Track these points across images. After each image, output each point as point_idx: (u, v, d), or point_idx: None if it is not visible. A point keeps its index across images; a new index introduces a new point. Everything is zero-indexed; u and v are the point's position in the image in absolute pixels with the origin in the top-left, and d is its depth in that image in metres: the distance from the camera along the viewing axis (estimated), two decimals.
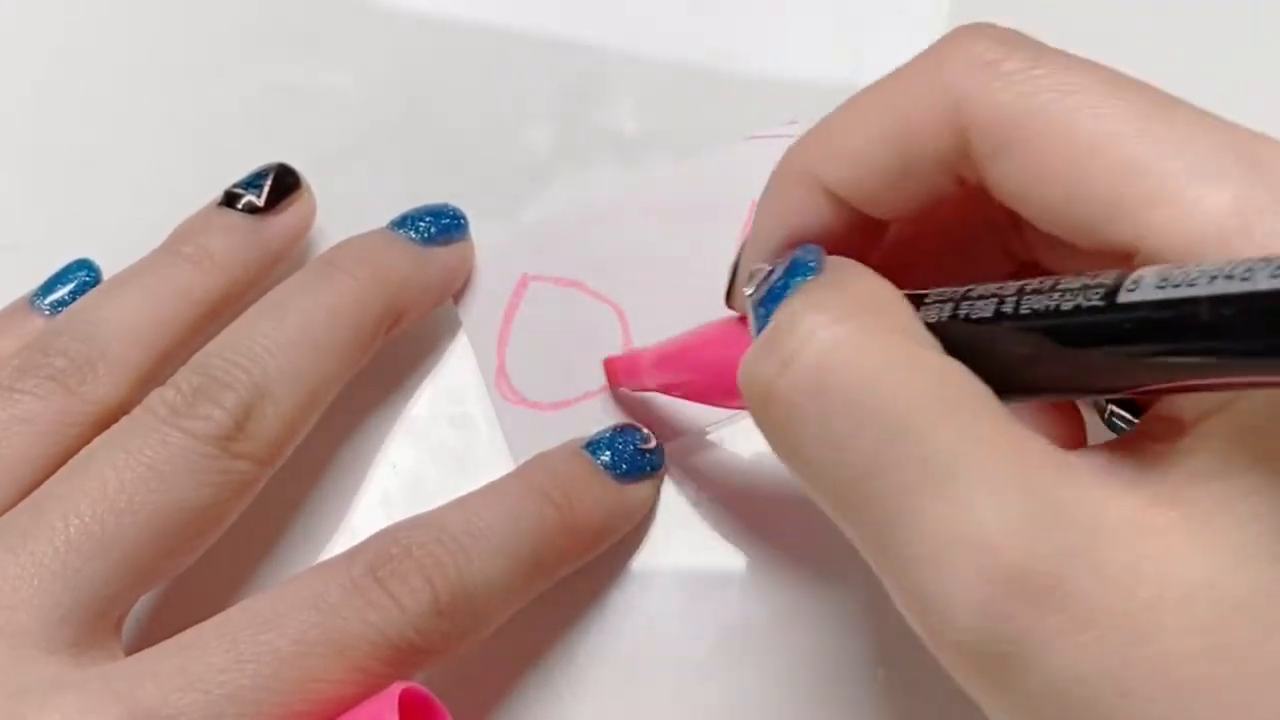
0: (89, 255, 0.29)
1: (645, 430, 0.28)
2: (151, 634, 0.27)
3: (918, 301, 0.20)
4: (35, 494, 0.24)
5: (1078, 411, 0.24)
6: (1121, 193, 0.17)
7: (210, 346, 0.25)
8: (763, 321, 0.20)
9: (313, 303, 0.26)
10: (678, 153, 0.32)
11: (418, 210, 0.29)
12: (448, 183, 0.32)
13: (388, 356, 0.29)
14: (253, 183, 0.29)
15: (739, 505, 0.29)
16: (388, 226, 0.29)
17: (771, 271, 0.21)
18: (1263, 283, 0.15)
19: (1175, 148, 0.17)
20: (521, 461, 0.28)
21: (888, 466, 0.17)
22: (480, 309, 0.30)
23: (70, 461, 0.24)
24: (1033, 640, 0.16)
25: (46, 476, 0.24)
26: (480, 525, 0.24)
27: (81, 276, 0.29)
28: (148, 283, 0.27)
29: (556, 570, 0.26)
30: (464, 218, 0.30)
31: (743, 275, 0.23)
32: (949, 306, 0.19)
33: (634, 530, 0.28)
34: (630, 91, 0.33)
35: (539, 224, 0.31)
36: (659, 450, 0.28)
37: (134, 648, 0.23)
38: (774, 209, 0.22)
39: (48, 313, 0.28)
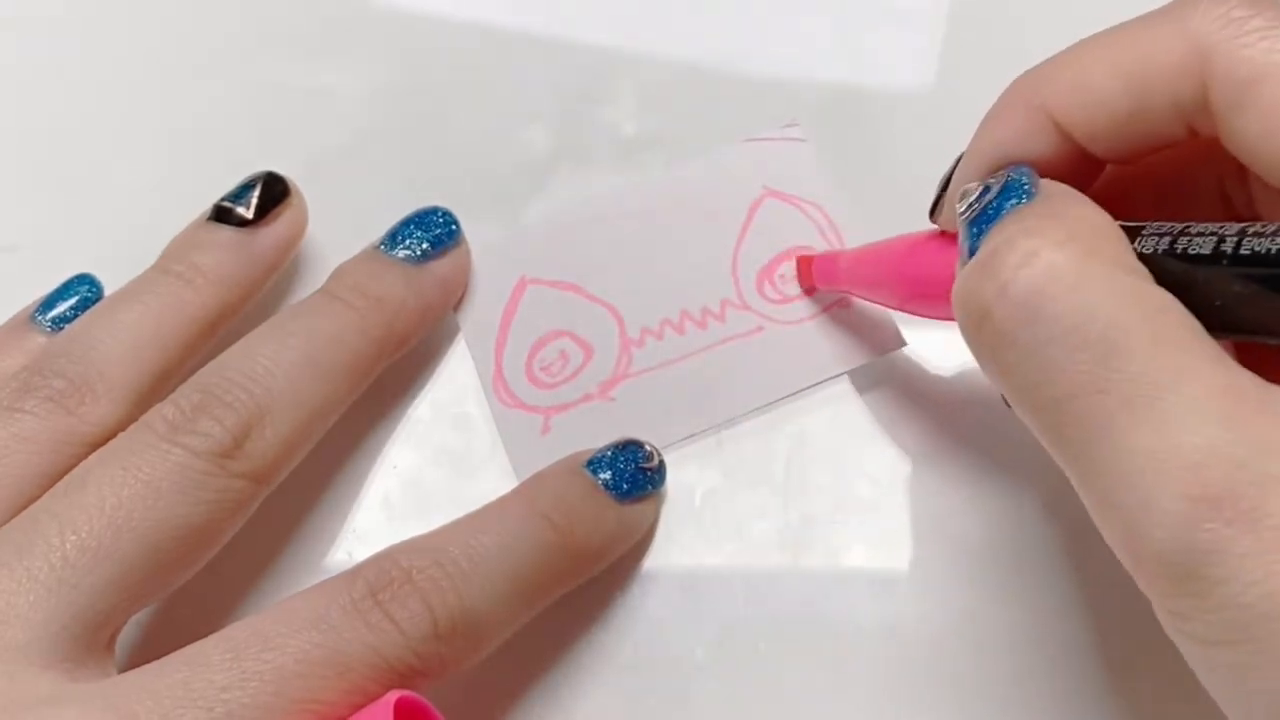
0: (89, 254, 0.29)
1: (648, 447, 0.28)
2: (151, 635, 0.27)
3: (1133, 233, 0.20)
4: (31, 508, 0.24)
5: None
6: None
7: (210, 366, 0.26)
8: (974, 240, 0.20)
9: (315, 328, 0.26)
10: (677, 153, 0.32)
11: (407, 223, 0.29)
12: (447, 183, 0.32)
13: None
14: (240, 195, 0.29)
15: (741, 506, 0.28)
16: (380, 246, 0.29)
17: (985, 190, 0.21)
18: None
19: None
20: (519, 463, 0.28)
21: (1099, 389, 0.18)
22: (478, 313, 0.30)
23: (67, 477, 0.24)
24: (1227, 556, 0.16)
25: (44, 493, 0.24)
26: (480, 550, 0.24)
27: (83, 292, 0.29)
28: (143, 303, 0.27)
29: (554, 592, 0.26)
30: (454, 220, 0.29)
31: (954, 192, 0.23)
32: (1166, 240, 0.19)
33: None
34: (630, 91, 0.33)
35: (536, 226, 0.31)
36: (661, 468, 0.28)
37: (135, 651, 0.23)
38: (995, 132, 0.22)
39: (49, 328, 0.28)
